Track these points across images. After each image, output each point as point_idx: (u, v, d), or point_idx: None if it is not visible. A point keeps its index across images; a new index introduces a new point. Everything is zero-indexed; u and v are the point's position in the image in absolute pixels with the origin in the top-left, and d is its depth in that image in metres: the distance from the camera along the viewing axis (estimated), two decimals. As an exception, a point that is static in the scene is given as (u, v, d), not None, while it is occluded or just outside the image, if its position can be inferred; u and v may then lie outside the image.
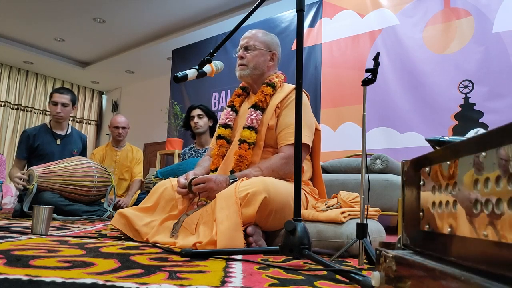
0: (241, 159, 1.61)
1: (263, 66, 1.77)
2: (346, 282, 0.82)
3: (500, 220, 0.37)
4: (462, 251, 0.44)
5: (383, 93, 3.47)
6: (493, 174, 0.39)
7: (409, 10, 3.50)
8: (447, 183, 0.49)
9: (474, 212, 0.42)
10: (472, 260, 0.41)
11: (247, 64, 1.75)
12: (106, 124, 8.43)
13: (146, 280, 0.71)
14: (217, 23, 5.15)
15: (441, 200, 0.50)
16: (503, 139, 0.38)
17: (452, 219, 0.47)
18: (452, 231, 0.47)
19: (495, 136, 0.40)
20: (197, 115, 3.13)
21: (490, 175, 0.40)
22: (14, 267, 0.76)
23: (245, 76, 1.76)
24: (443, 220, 0.49)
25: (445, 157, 0.51)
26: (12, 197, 4.22)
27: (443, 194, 0.50)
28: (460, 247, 0.44)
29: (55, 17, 5.44)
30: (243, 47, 1.78)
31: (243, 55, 1.76)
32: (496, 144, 0.39)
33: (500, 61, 2.96)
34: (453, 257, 0.45)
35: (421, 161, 0.58)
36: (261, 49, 1.76)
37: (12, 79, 7.35)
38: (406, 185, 0.62)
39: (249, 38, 1.78)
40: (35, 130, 2.98)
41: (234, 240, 1.24)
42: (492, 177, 0.39)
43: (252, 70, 1.75)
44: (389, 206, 2.57)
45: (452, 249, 0.46)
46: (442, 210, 0.50)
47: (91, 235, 1.55)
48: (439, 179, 0.51)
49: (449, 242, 0.47)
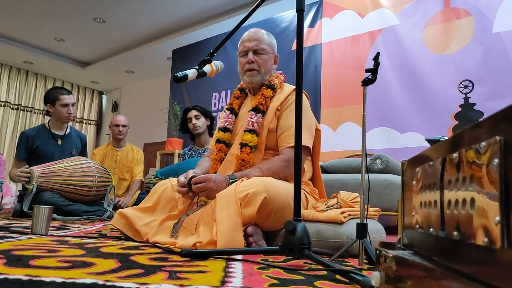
0: (244, 163, 1.60)
1: (271, 70, 1.75)
2: (346, 282, 0.82)
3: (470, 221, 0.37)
4: (456, 251, 0.44)
5: (383, 93, 3.47)
6: (469, 173, 0.39)
7: (409, 10, 3.50)
8: (434, 182, 0.49)
9: (455, 212, 0.42)
10: (466, 261, 0.41)
11: (259, 69, 1.71)
12: (106, 124, 8.43)
13: (146, 280, 0.71)
14: (217, 23, 5.15)
15: (430, 200, 0.50)
16: (480, 137, 0.38)
17: (438, 219, 0.47)
18: (434, 231, 0.47)
19: (471, 134, 0.40)
20: (194, 116, 3.12)
21: (466, 175, 0.40)
22: (14, 267, 0.76)
23: (256, 82, 1.73)
24: (433, 220, 0.49)
25: (431, 156, 0.51)
26: (12, 197, 4.22)
27: (431, 194, 0.50)
28: (453, 248, 0.44)
29: (55, 17, 5.44)
30: (252, 50, 1.72)
31: (253, 59, 1.71)
32: (473, 141, 0.39)
33: (500, 61, 2.96)
34: (450, 258, 0.45)
35: (417, 160, 0.58)
36: (270, 53, 1.74)
37: (12, 79, 7.35)
38: (406, 185, 0.62)
39: (257, 40, 1.72)
40: (34, 131, 2.98)
41: (234, 240, 1.24)
42: (468, 175, 0.40)
43: (263, 75, 1.72)
44: (389, 206, 2.57)
45: (448, 250, 0.46)
46: (432, 210, 0.50)
47: (91, 235, 1.55)
48: (427, 179, 0.52)
49: (445, 243, 0.47)
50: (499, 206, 0.33)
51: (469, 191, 0.39)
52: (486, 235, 0.35)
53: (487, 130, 0.37)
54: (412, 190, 0.59)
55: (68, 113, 2.98)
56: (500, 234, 0.32)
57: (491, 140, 0.35)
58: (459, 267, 0.40)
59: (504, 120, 0.34)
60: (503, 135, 0.34)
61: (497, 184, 0.33)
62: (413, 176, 0.58)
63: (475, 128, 0.40)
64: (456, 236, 0.41)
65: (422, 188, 0.55)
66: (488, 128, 0.37)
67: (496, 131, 0.35)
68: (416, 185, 0.57)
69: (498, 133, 0.34)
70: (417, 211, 0.56)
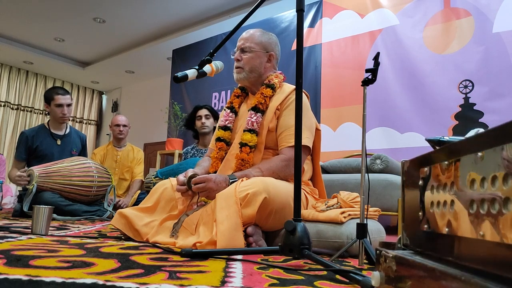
0: (243, 162, 1.60)
1: (259, 68, 1.74)
2: (346, 282, 0.82)
3: (498, 220, 0.37)
4: (461, 251, 0.44)
5: (383, 93, 3.47)
6: (489, 174, 0.39)
7: (409, 10, 3.50)
8: (445, 182, 0.49)
9: (471, 212, 0.42)
10: (471, 260, 0.41)
11: (243, 67, 1.72)
12: (106, 124, 8.43)
13: (146, 280, 0.71)
14: (217, 23, 5.15)
15: (439, 199, 0.50)
16: (503, 139, 0.38)
17: (451, 219, 0.47)
18: (450, 230, 0.47)
19: (493, 136, 0.40)
20: (204, 115, 3.12)
21: (486, 175, 0.40)
22: (14, 267, 0.76)
23: (241, 79, 1.74)
24: (442, 220, 0.49)
25: (443, 157, 0.51)
26: (12, 197, 4.22)
27: (442, 194, 0.50)
28: (459, 247, 0.44)
29: (55, 17, 5.44)
30: (239, 48, 1.75)
31: (239, 57, 1.74)
32: (495, 143, 0.39)
33: (500, 61, 2.96)
34: (453, 257, 0.45)
35: (420, 160, 0.58)
36: (257, 51, 1.73)
37: (12, 79, 7.35)
38: (406, 185, 0.62)
39: (245, 39, 1.75)
40: (33, 131, 2.97)
41: (234, 240, 1.24)
42: (488, 177, 0.40)
43: (248, 73, 1.72)
44: (389, 206, 2.57)
45: (451, 249, 0.46)
46: (441, 210, 0.50)
47: (91, 235, 1.55)
48: (438, 179, 0.52)
49: (448, 242, 0.47)
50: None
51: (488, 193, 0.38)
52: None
53: (490, 139, 0.37)
54: (412, 190, 0.59)
55: (62, 113, 2.95)
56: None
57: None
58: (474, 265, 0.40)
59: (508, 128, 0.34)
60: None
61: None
62: (416, 176, 0.58)
63: (478, 137, 0.41)
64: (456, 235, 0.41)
65: (424, 188, 0.55)
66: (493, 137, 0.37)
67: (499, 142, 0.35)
68: (418, 186, 0.57)
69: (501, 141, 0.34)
70: (426, 211, 0.56)
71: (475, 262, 0.40)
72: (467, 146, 0.45)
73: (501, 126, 0.36)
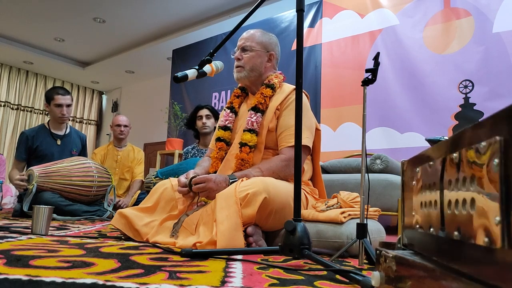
0: (243, 162, 1.60)
1: (260, 67, 1.75)
2: (346, 282, 0.82)
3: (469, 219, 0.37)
4: (456, 251, 0.44)
5: (383, 93, 3.47)
6: (469, 173, 0.39)
7: (409, 10, 3.50)
8: (434, 182, 0.49)
9: (456, 212, 0.42)
10: (466, 261, 0.41)
11: (244, 66, 1.73)
12: (106, 124, 8.43)
13: (146, 280, 0.71)
14: (217, 23, 5.15)
15: (430, 199, 0.50)
16: (479, 137, 0.38)
17: (437, 218, 0.47)
18: (434, 231, 0.47)
19: (471, 134, 0.40)
20: (205, 115, 3.13)
21: (466, 175, 0.40)
22: (14, 267, 0.76)
23: (242, 78, 1.74)
24: (430, 220, 0.49)
25: (432, 156, 0.51)
26: (12, 197, 4.22)
27: (432, 194, 0.50)
28: (454, 248, 0.44)
29: (55, 17, 5.44)
30: (240, 48, 1.76)
31: (239, 56, 1.74)
32: (474, 141, 0.39)
33: (500, 61, 2.96)
34: (451, 258, 0.45)
35: (417, 160, 0.58)
36: (258, 50, 1.74)
37: (12, 79, 7.35)
38: (406, 185, 0.62)
39: (246, 39, 1.76)
40: (33, 131, 2.97)
41: (234, 240, 1.24)
42: (468, 175, 0.40)
43: (248, 72, 1.73)
44: (389, 206, 2.57)
45: (448, 250, 0.46)
46: (431, 209, 0.50)
47: (91, 235, 1.55)
48: (427, 178, 0.52)
49: (445, 243, 0.47)
50: (499, 206, 0.33)
51: (470, 191, 0.39)
52: (486, 235, 0.35)
53: (487, 130, 0.37)
54: (412, 190, 0.59)
55: (61, 113, 2.95)
56: (500, 234, 0.32)
57: (491, 140, 0.35)
58: (459, 267, 0.40)
59: (504, 120, 0.34)
60: (503, 135, 0.34)
61: (497, 184, 0.33)
62: (413, 176, 0.58)
63: (475, 128, 0.40)
64: (456, 236, 0.41)
65: (422, 188, 0.55)
66: (488, 128, 0.37)
67: (496, 131, 0.35)
68: (416, 185, 0.57)
69: (498, 133, 0.34)
70: (417, 211, 0.56)
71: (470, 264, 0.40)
72: (461, 142, 0.45)
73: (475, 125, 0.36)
